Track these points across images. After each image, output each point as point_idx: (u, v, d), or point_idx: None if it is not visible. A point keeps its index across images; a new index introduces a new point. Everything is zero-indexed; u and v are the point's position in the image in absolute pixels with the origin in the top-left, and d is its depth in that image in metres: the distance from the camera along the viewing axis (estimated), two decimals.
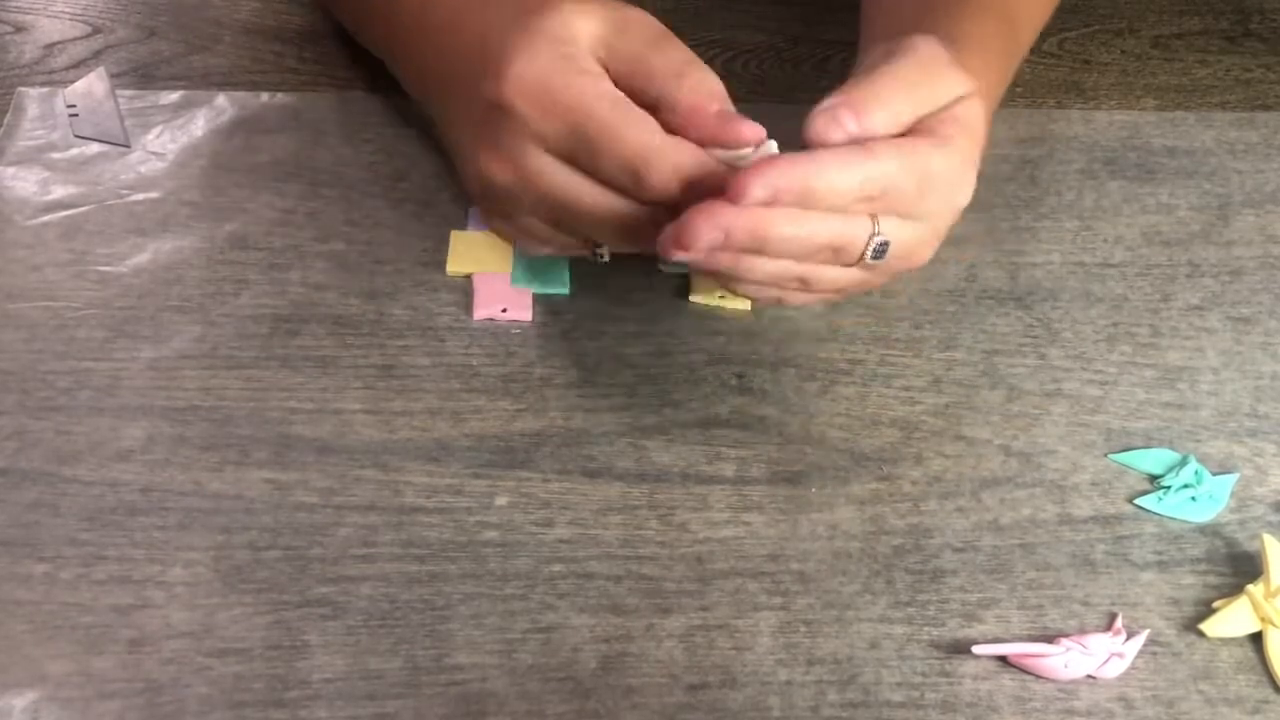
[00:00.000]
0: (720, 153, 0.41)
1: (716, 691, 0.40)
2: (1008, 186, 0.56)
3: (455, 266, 0.51)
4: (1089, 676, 0.40)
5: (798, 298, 0.44)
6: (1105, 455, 0.46)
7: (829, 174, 0.39)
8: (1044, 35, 0.64)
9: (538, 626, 0.41)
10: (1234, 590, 0.42)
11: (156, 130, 0.55)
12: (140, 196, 0.52)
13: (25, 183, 0.53)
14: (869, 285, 0.44)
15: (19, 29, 0.61)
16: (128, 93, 0.57)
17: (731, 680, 0.40)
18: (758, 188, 0.38)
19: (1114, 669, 0.40)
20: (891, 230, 0.41)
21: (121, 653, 0.39)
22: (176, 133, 0.55)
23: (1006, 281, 0.52)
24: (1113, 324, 0.51)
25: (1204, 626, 0.41)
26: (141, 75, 0.58)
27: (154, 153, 0.54)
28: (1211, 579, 0.43)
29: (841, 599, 0.42)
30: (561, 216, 0.44)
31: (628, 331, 0.49)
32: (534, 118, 0.41)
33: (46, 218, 0.51)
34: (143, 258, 0.50)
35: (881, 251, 0.41)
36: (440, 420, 0.46)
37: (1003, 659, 0.41)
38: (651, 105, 0.41)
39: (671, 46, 0.42)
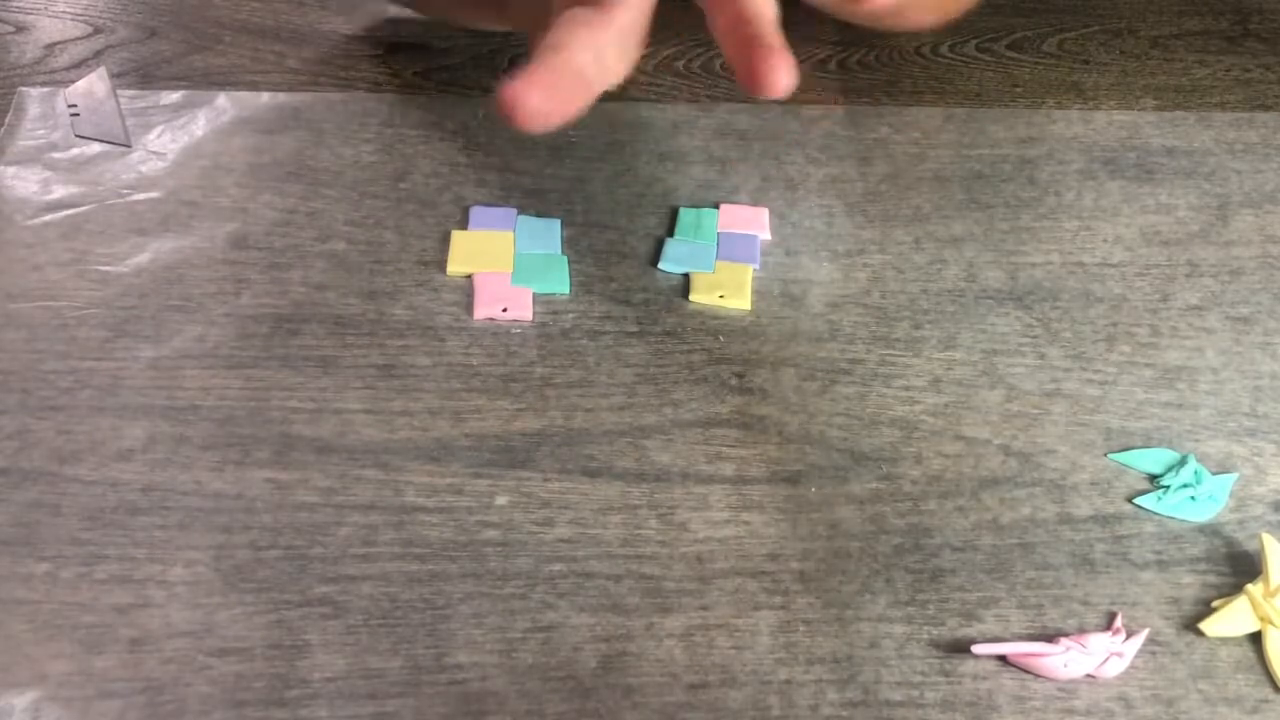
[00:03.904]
0: None
1: (716, 690, 0.40)
2: (1008, 186, 0.56)
3: (455, 266, 0.51)
4: (1088, 676, 0.40)
5: None
6: (1105, 455, 0.46)
7: None
8: (1044, 35, 0.65)
9: (538, 626, 0.41)
10: (1233, 590, 0.43)
11: (157, 130, 0.55)
12: (141, 196, 0.53)
13: (26, 182, 0.53)
14: None
15: (20, 29, 0.61)
16: (129, 92, 0.57)
17: (731, 679, 0.40)
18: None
19: (1113, 668, 0.40)
20: None
21: (122, 652, 0.39)
22: (177, 132, 0.55)
23: (1006, 281, 0.52)
24: (1112, 324, 0.51)
25: (1203, 626, 0.41)
26: (142, 75, 0.59)
27: (155, 152, 0.54)
28: (1211, 578, 0.43)
29: (841, 598, 0.42)
30: None
31: (628, 331, 0.49)
32: None
33: (47, 217, 0.51)
34: (143, 257, 0.50)
35: None
36: (440, 420, 0.46)
37: (1002, 658, 0.41)
38: None
39: None
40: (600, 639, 0.41)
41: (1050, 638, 0.41)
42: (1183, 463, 0.46)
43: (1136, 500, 0.45)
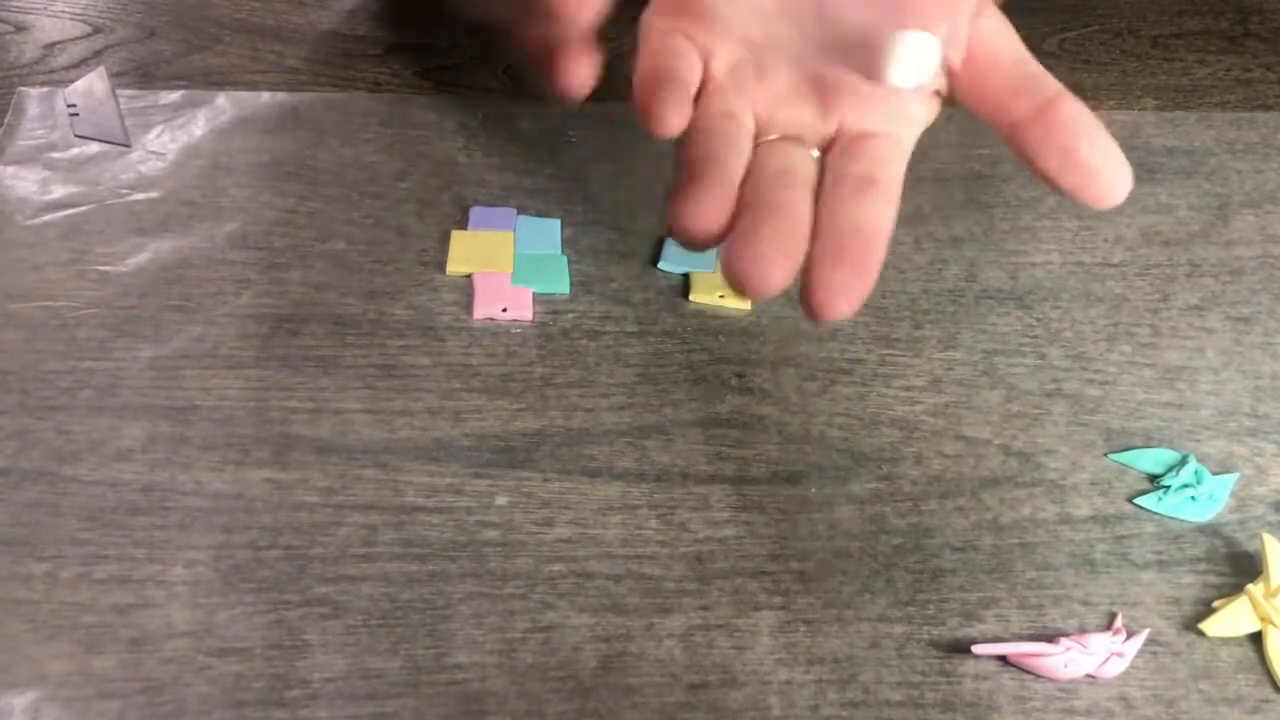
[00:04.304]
0: None
1: (716, 691, 0.40)
2: (1008, 186, 0.56)
3: (455, 266, 0.51)
4: (1089, 676, 0.40)
5: None
6: (1105, 455, 0.46)
7: None
8: (1044, 35, 0.65)
9: (538, 626, 0.41)
10: (1234, 590, 0.43)
11: (157, 130, 0.55)
12: (140, 196, 0.53)
13: (25, 182, 0.53)
14: None
15: (19, 28, 0.61)
16: (128, 92, 0.57)
17: (731, 679, 0.40)
18: None
19: (1114, 668, 0.40)
20: None
21: (122, 652, 0.39)
22: (177, 132, 0.55)
23: (1006, 281, 0.52)
24: (1113, 324, 0.51)
25: (1204, 626, 0.41)
26: (142, 75, 0.59)
27: (154, 152, 0.54)
28: (1211, 578, 0.43)
29: (841, 598, 0.42)
30: None
31: (628, 331, 0.49)
32: None
33: (47, 217, 0.51)
34: (143, 257, 0.50)
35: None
36: (440, 420, 0.46)
37: (1002, 658, 0.41)
38: None
39: None
40: (600, 639, 0.41)
41: (1050, 638, 0.41)
42: (1183, 463, 0.46)
43: (1137, 500, 0.45)
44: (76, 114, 0.55)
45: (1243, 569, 0.43)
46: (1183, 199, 0.56)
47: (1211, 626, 0.41)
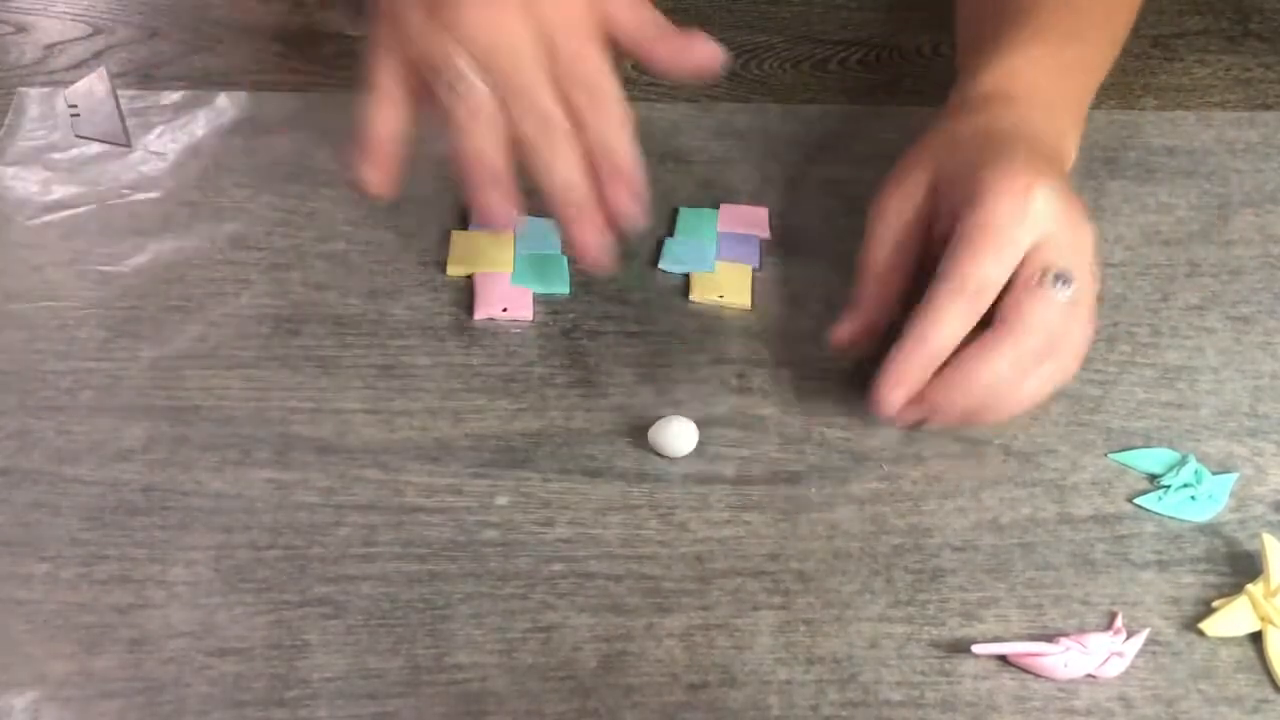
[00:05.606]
0: None
1: (716, 690, 0.40)
2: None
3: (455, 266, 0.51)
4: (1089, 676, 0.40)
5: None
6: (1105, 455, 0.46)
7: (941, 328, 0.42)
8: None
9: (538, 626, 0.41)
10: (1234, 590, 0.43)
11: (157, 130, 0.55)
12: (141, 196, 0.53)
13: (26, 183, 0.53)
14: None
15: (20, 29, 0.61)
16: (129, 93, 0.57)
17: (731, 679, 0.40)
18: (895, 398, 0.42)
19: (1114, 668, 0.40)
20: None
21: (122, 652, 0.39)
22: (177, 133, 0.55)
23: None
24: (1113, 324, 0.51)
25: (1204, 626, 0.41)
26: (142, 75, 0.59)
27: (155, 153, 0.54)
28: (1211, 578, 0.43)
29: (841, 598, 0.42)
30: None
31: (628, 331, 0.49)
32: None
33: (47, 218, 0.51)
34: (143, 258, 0.50)
35: (1065, 278, 0.41)
36: (440, 420, 0.46)
37: (1002, 658, 0.41)
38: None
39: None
40: (600, 639, 0.41)
41: (1050, 638, 0.41)
42: (1183, 462, 0.46)
43: (1137, 500, 0.45)
44: (77, 114, 0.55)
45: (1242, 569, 0.43)
46: (1183, 199, 0.56)
47: (1211, 626, 0.41)
